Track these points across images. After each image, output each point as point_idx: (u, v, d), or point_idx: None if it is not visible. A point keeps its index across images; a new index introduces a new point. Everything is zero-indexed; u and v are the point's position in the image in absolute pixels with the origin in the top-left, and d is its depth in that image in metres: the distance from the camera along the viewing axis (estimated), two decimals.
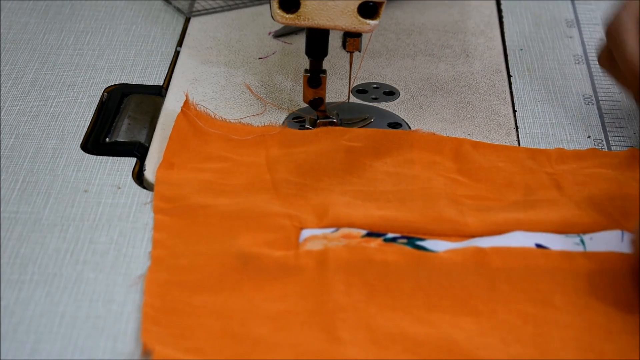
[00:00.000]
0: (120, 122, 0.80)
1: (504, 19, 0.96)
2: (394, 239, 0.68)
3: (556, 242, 0.68)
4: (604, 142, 0.80)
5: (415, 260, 0.66)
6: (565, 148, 0.78)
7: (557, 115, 0.83)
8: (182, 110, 0.78)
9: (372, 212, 0.70)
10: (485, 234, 0.69)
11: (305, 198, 0.71)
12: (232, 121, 0.79)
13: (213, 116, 0.79)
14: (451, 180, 0.74)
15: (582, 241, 0.68)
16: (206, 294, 0.64)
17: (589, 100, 0.85)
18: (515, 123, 0.81)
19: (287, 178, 0.73)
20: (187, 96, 0.78)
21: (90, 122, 0.80)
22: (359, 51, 0.77)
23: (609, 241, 0.68)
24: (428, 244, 0.68)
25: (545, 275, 0.65)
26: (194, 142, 0.76)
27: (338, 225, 0.69)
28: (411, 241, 0.68)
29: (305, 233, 0.69)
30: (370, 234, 0.69)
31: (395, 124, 0.81)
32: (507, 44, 0.92)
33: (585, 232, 0.69)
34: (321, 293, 0.64)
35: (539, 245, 0.68)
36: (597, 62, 0.90)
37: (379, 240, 0.68)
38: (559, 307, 0.64)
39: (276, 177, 0.73)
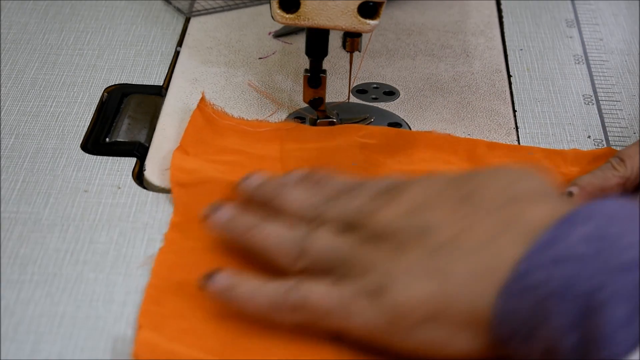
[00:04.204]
0: (120, 122, 0.80)
1: (504, 19, 0.96)
2: None
3: None
4: (604, 142, 0.79)
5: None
6: (565, 148, 0.78)
7: (557, 115, 0.83)
8: (198, 106, 0.78)
9: None
10: None
11: None
12: (248, 119, 0.79)
13: (230, 115, 0.79)
14: None
15: None
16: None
17: (589, 100, 0.85)
18: (515, 123, 0.81)
19: None
20: (203, 94, 0.78)
21: (90, 122, 0.80)
22: (359, 51, 0.77)
23: None
24: None
25: None
26: (209, 136, 0.76)
27: None
28: None
29: None
30: None
31: (395, 124, 0.81)
32: (507, 44, 0.92)
33: None
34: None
35: None
36: (597, 62, 0.90)
37: None
38: None
39: None
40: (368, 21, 0.73)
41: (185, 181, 0.71)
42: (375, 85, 0.86)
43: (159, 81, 0.85)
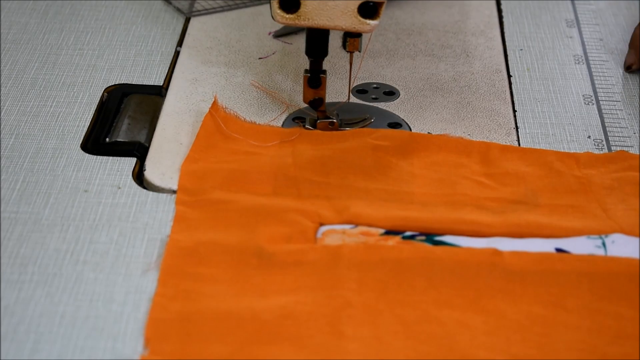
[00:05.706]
0: (120, 122, 0.80)
1: (504, 19, 0.96)
2: (412, 237, 0.68)
3: (577, 246, 0.68)
4: (604, 142, 0.79)
5: (430, 259, 0.66)
6: (566, 148, 0.78)
7: (557, 115, 0.83)
8: (209, 112, 0.78)
9: (392, 213, 0.70)
10: (507, 235, 0.69)
11: (327, 198, 0.71)
12: (259, 123, 0.79)
13: (242, 119, 0.79)
14: (476, 183, 0.74)
15: (604, 244, 0.68)
16: (219, 285, 0.64)
17: (589, 100, 0.85)
18: (515, 123, 0.81)
19: (310, 178, 0.73)
20: (215, 98, 0.78)
21: (90, 122, 0.80)
22: (359, 51, 0.77)
23: (631, 245, 0.68)
24: (448, 239, 0.68)
25: (560, 278, 0.65)
26: (221, 141, 0.76)
27: (357, 223, 0.69)
28: (430, 237, 0.68)
29: (324, 228, 0.69)
30: (388, 232, 0.69)
31: (395, 124, 0.81)
32: (507, 44, 0.92)
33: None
34: (332, 288, 0.64)
35: (558, 250, 0.68)
36: (597, 62, 0.90)
37: (397, 238, 0.68)
38: (570, 310, 0.63)
39: (300, 176, 0.73)
40: (368, 21, 0.73)
41: (190, 203, 0.71)
42: (375, 85, 0.86)
43: (159, 81, 0.85)
